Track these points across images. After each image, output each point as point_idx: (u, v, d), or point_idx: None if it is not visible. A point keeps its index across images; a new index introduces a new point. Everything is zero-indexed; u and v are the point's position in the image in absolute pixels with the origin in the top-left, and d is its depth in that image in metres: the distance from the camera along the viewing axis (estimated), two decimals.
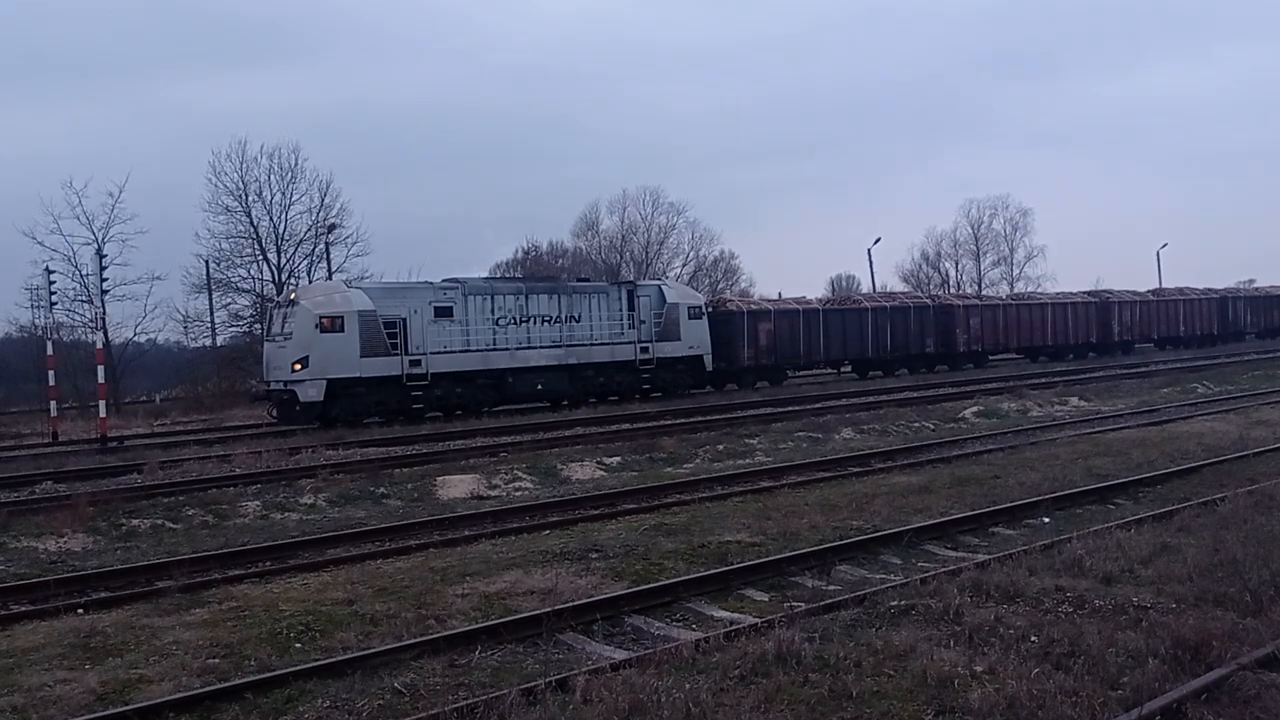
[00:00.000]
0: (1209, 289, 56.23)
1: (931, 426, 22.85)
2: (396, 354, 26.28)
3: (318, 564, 11.14)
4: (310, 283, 41.70)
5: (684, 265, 71.84)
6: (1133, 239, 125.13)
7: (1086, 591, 7.98)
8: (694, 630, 8.10)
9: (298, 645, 8.13)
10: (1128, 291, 52.37)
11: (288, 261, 46.20)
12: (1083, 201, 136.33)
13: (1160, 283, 60.50)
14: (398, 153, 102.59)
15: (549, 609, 8.29)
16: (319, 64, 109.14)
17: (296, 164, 46.23)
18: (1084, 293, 51.04)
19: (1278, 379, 31.39)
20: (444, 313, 27.51)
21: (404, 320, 26.59)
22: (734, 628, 7.72)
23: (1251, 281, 69.62)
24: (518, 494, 16.00)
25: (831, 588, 9.34)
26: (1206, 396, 27.38)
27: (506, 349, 28.38)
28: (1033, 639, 6.91)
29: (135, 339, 46.80)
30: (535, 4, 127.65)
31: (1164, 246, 73.93)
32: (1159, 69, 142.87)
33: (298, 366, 25.33)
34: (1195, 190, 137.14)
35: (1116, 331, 48.39)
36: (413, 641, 7.82)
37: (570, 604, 8.59)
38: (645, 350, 31.16)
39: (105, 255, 38.99)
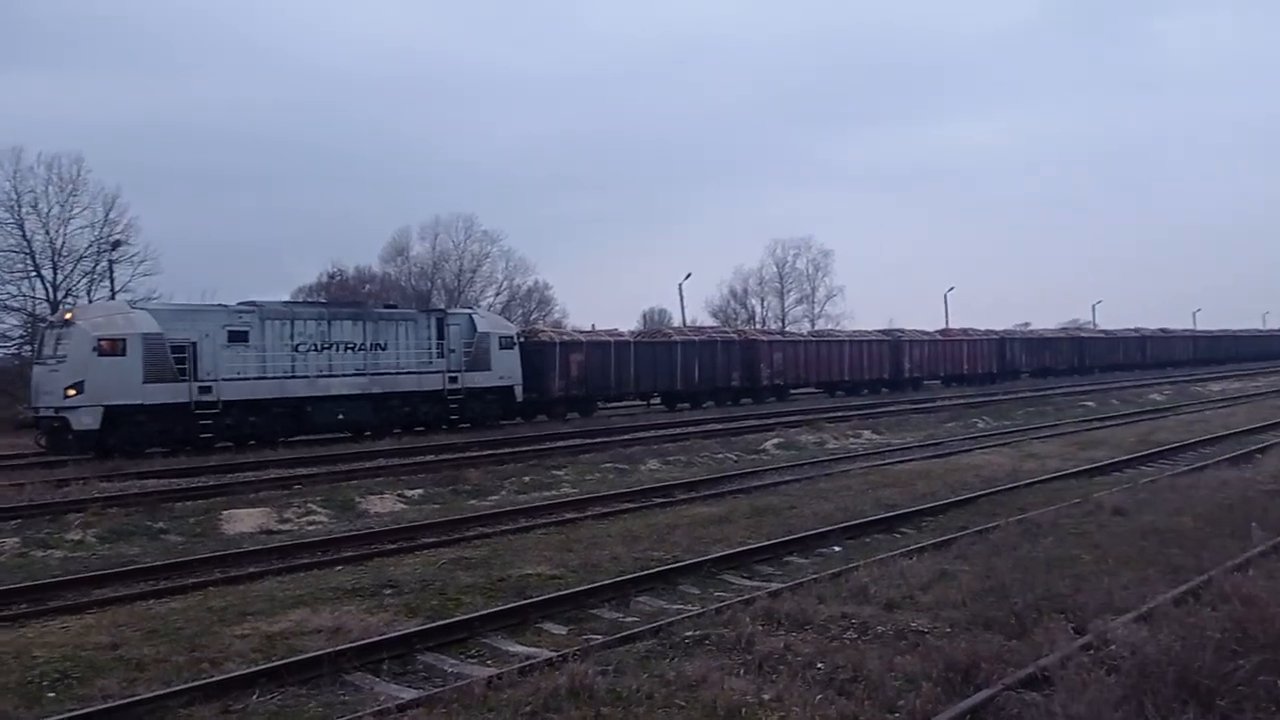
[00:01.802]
0: (990, 330, 60.14)
1: (734, 458, 23.38)
2: (185, 380, 24.77)
3: (81, 605, 10.31)
4: (90, 302, 39.03)
5: (497, 294, 71.43)
6: (923, 281, 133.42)
7: (870, 618, 8.26)
8: (488, 666, 7.92)
9: (51, 695, 7.47)
10: (917, 331, 55.45)
11: (65, 279, 43.25)
12: (879, 244, 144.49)
13: (947, 323, 64.58)
14: (196, 172, 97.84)
15: (333, 649, 7.91)
16: (111, 74, 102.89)
17: (79, 175, 43.42)
18: (878, 331, 53.70)
19: (1048, 415, 33.85)
20: (238, 337, 26.17)
21: (194, 344, 25.11)
22: (528, 663, 7.58)
23: (1027, 324, 75.13)
24: (310, 528, 15.33)
25: (629, 619, 9.33)
26: (985, 431, 29.17)
27: (306, 376, 27.25)
28: (819, 666, 7.08)
29: None
30: (342, 28, 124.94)
31: (951, 289, 79.27)
32: (947, 123, 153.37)
33: (71, 392, 23.49)
34: (979, 236, 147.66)
35: (907, 369, 51.03)
36: (183, 687, 7.32)
37: (358, 643, 8.26)
38: (454, 380, 30.61)
39: None
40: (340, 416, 27.99)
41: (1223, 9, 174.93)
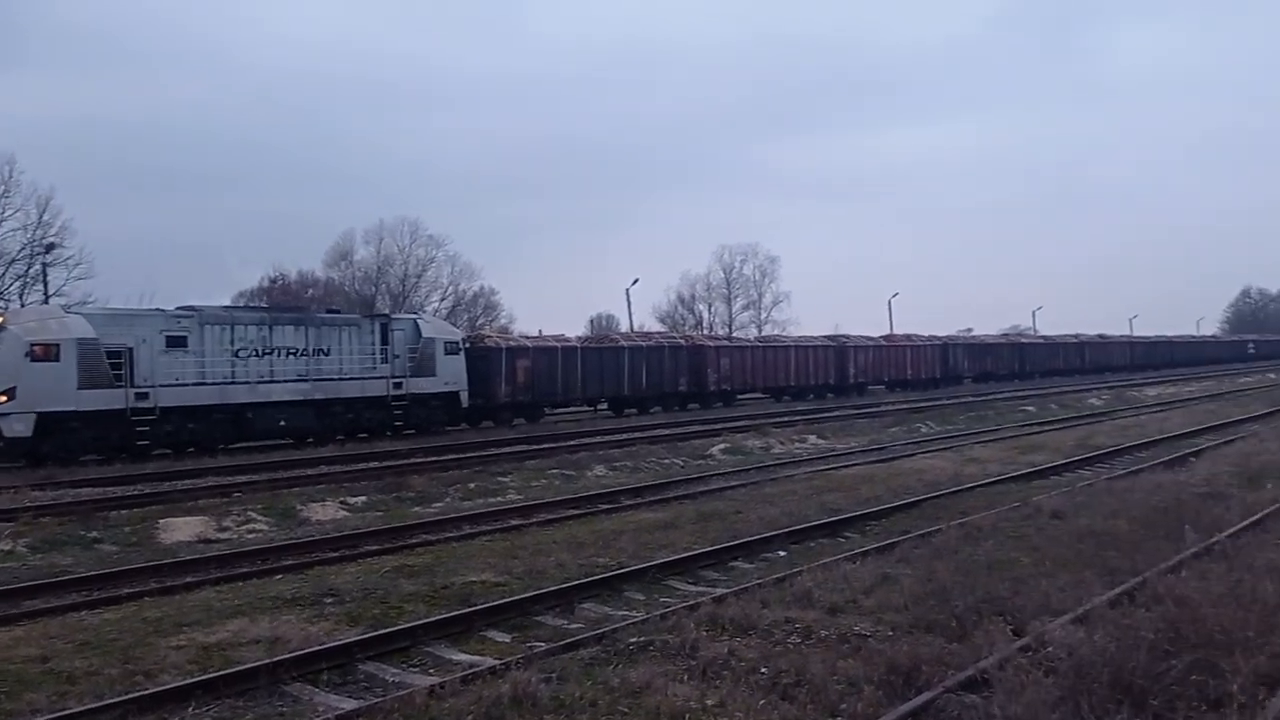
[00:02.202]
0: (933, 336, 60.94)
1: (681, 463, 23.41)
2: (121, 386, 24.23)
3: (10, 617, 10.00)
4: (23, 306, 38.05)
5: (443, 299, 71.06)
6: (868, 287, 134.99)
7: (814, 622, 8.30)
8: (430, 675, 7.84)
9: None
10: (862, 337, 55.99)
11: None
12: (825, 251, 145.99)
13: (891, 329, 65.40)
14: (134, 173, 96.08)
15: (272, 659, 7.77)
16: (42, 71, 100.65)
17: (10, 176, 42.38)
18: (824, 337, 54.15)
19: (989, 419, 34.37)
20: (177, 343, 25.66)
21: (131, 350, 24.58)
22: (471, 671, 7.50)
23: (970, 330, 76.35)
24: (250, 537, 15.06)
25: (574, 626, 9.29)
26: (928, 435, 29.55)
27: (247, 382, 26.79)
28: (763, 670, 7.09)
29: None
30: (283, 25, 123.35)
31: (895, 295, 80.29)
32: (895, 132, 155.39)
33: (2, 398, 22.88)
34: (923, 244, 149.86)
35: (852, 374, 51.50)
36: (115, 700, 7.13)
37: (297, 653, 8.12)
38: (399, 386, 30.30)
39: None
40: (282, 423, 27.58)
41: (1163, 24, 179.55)
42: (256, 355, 27.17)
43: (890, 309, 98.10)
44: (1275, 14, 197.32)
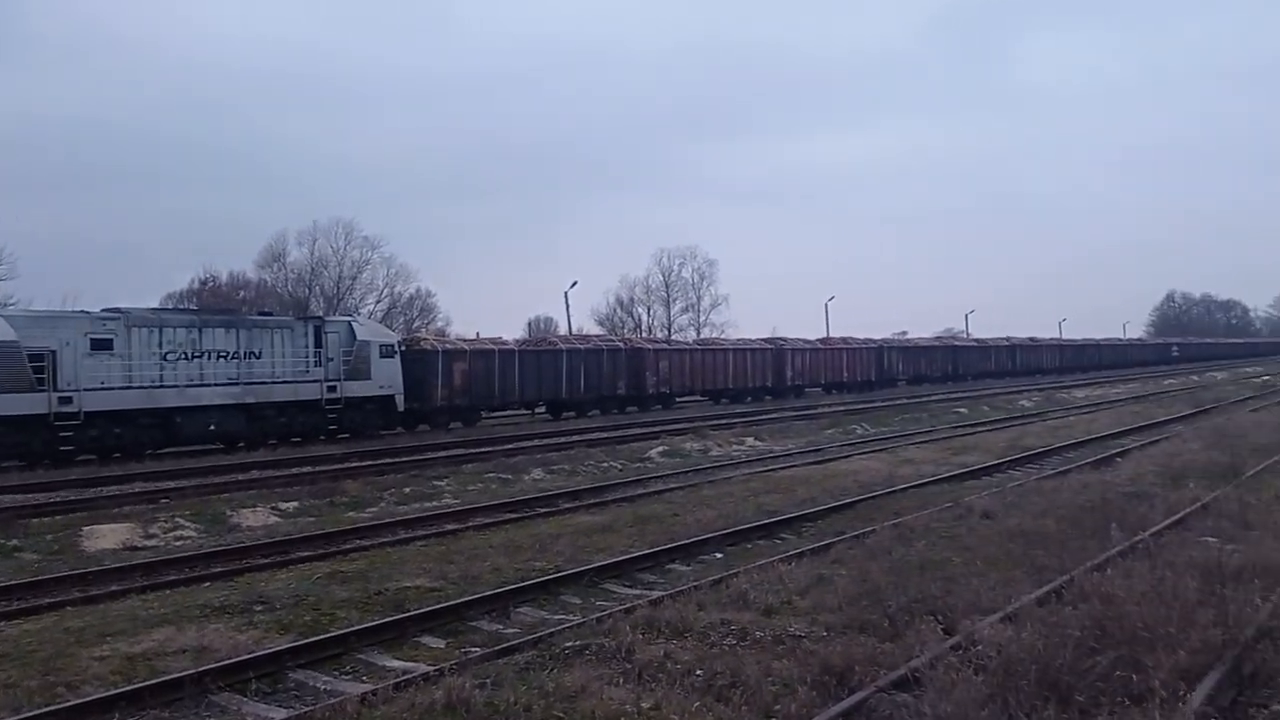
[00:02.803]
0: (869, 339, 61.69)
1: (619, 466, 23.39)
2: (43, 390, 23.53)
3: None
4: None
5: (378, 302, 70.24)
6: (805, 291, 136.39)
7: (749, 624, 8.33)
8: (363, 683, 7.73)
9: None
10: (800, 340, 56.48)
11: None
12: (763, 254, 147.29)
13: (828, 332, 65.97)
14: (57, 170, 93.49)
15: (198, 669, 7.60)
16: None
17: None
18: (762, 340, 54.51)
19: (923, 421, 34.87)
20: (102, 345, 24.98)
21: (54, 353, 23.87)
22: (404, 678, 7.41)
23: (904, 333, 77.42)
24: (178, 544, 14.73)
25: (509, 631, 9.23)
26: (864, 437, 29.90)
27: (175, 386, 26.17)
28: (698, 672, 7.10)
29: None
30: (215, 22, 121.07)
31: (831, 299, 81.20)
32: (831, 138, 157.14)
33: None
34: (859, 248, 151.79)
35: (789, 376, 51.92)
36: (36, 713, 6.93)
37: (224, 662, 7.96)
38: (333, 390, 29.84)
39: None
40: (212, 427, 26.99)
41: (1083, 37, 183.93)
42: (186, 358, 26.57)
43: (827, 312, 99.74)
44: (1193, 33, 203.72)
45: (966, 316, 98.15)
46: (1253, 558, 9.67)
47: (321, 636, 8.84)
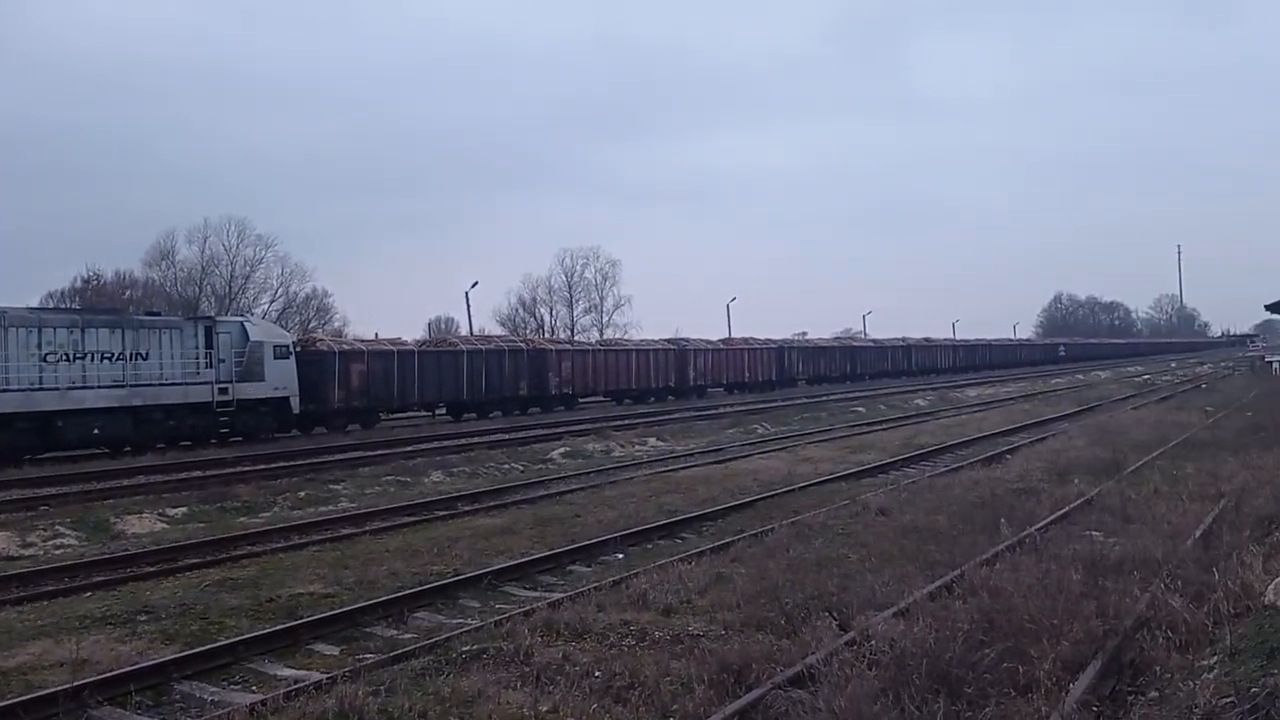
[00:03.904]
0: (770, 340, 62.52)
1: (520, 468, 23.23)
2: None
3: None
4: None
5: (272, 302, 68.47)
6: (707, 292, 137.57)
7: (649, 624, 8.34)
8: (253, 693, 7.51)
9: None
10: (702, 340, 56.94)
11: None
12: (666, 255, 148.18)
13: (730, 333, 66.58)
14: None
15: (75, 683, 7.27)
16: None
17: None
18: (664, 341, 54.79)
19: (821, 420, 35.47)
20: None
21: None
22: (296, 687, 7.21)
23: (804, 334, 78.64)
24: (58, 552, 14.12)
25: (406, 636, 9.07)
26: (764, 436, 30.27)
27: (56, 388, 25.09)
28: (597, 674, 7.07)
29: None
30: (98, 8, 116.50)
31: (733, 300, 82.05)
32: (731, 140, 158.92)
33: None
34: (760, 250, 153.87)
35: (692, 377, 52.30)
36: None
37: (105, 675, 7.64)
38: (224, 391, 28.96)
39: None
40: (96, 431, 25.94)
41: (974, 41, 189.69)
42: (67, 360, 25.49)
43: (729, 313, 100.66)
44: (1078, 48, 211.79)
45: (864, 317, 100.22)
46: (1132, 550, 10.03)
47: (209, 646, 8.58)
